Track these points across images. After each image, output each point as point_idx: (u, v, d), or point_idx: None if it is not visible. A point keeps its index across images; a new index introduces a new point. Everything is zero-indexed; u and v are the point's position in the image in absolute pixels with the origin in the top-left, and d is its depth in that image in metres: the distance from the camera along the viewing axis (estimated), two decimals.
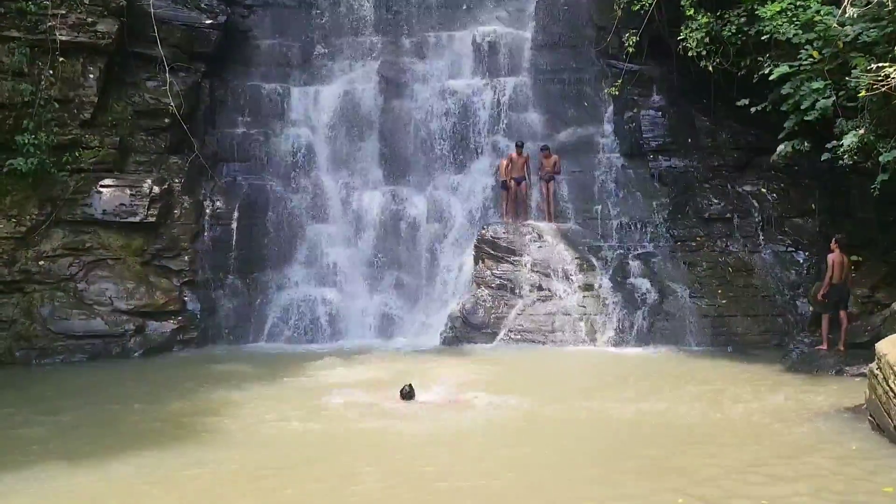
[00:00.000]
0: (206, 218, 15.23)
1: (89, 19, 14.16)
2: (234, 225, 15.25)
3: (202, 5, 16.21)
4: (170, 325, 14.04)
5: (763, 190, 15.15)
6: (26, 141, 13.38)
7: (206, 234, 15.14)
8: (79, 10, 14.11)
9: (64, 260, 13.88)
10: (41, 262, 13.72)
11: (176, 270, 14.64)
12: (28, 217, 13.74)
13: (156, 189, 14.44)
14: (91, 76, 14.36)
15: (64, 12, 13.92)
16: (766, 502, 5.85)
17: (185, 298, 14.48)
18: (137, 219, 14.25)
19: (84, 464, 7.22)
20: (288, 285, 15.38)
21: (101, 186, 14.20)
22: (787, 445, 7.38)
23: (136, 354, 13.54)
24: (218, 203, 15.43)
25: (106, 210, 14.14)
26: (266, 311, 14.98)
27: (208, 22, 16.14)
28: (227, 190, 15.74)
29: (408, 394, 8.97)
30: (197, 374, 11.62)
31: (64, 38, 13.88)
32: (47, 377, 11.99)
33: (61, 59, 13.95)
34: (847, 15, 10.91)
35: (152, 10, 14.94)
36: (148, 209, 14.29)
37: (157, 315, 14.02)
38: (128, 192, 14.30)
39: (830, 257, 11.91)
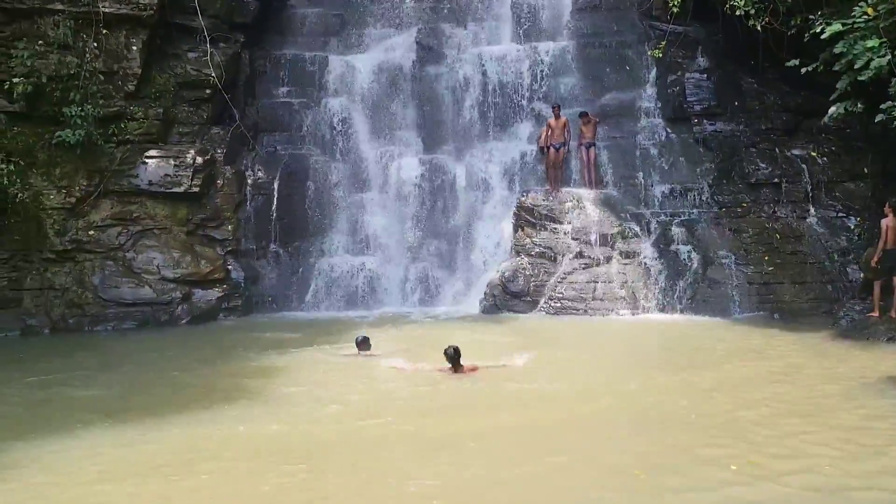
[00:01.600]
0: (248, 188, 15.44)
1: None
2: (276, 195, 15.42)
3: None
4: (215, 294, 14.34)
5: (813, 154, 14.69)
6: (73, 113, 13.68)
7: (248, 203, 15.37)
8: None
9: (113, 230, 14.25)
10: (91, 232, 14.10)
11: (220, 240, 14.93)
12: (77, 188, 14.11)
13: (199, 160, 14.67)
14: (134, 48, 14.56)
15: None
16: (829, 468, 5.73)
17: (229, 267, 14.75)
18: (181, 189, 14.52)
19: (109, 429, 7.23)
20: (328, 254, 15.55)
21: (147, 157, 14.51)
22: (841, 416, 7.15)
23: (183, 322, 13.87)
24: (259, 173, 15.62)
25: (151, 181, 14.44)
26: (307, 279, 15.18)
27: None
28: (268, 160, 15.90)
29: (453, 355, 8.96)
30: (241, 341, 11.85)
31: (107, 10, 14.09)
32: (98, 343, 12.37)
33: (105, 31, 14.16)
34: None
35: None
36: (192, 179, 14.55)
37: (203, 284, 14.32)
38: (172, 162, 14.58)
39: (884, 222, 11.62)
